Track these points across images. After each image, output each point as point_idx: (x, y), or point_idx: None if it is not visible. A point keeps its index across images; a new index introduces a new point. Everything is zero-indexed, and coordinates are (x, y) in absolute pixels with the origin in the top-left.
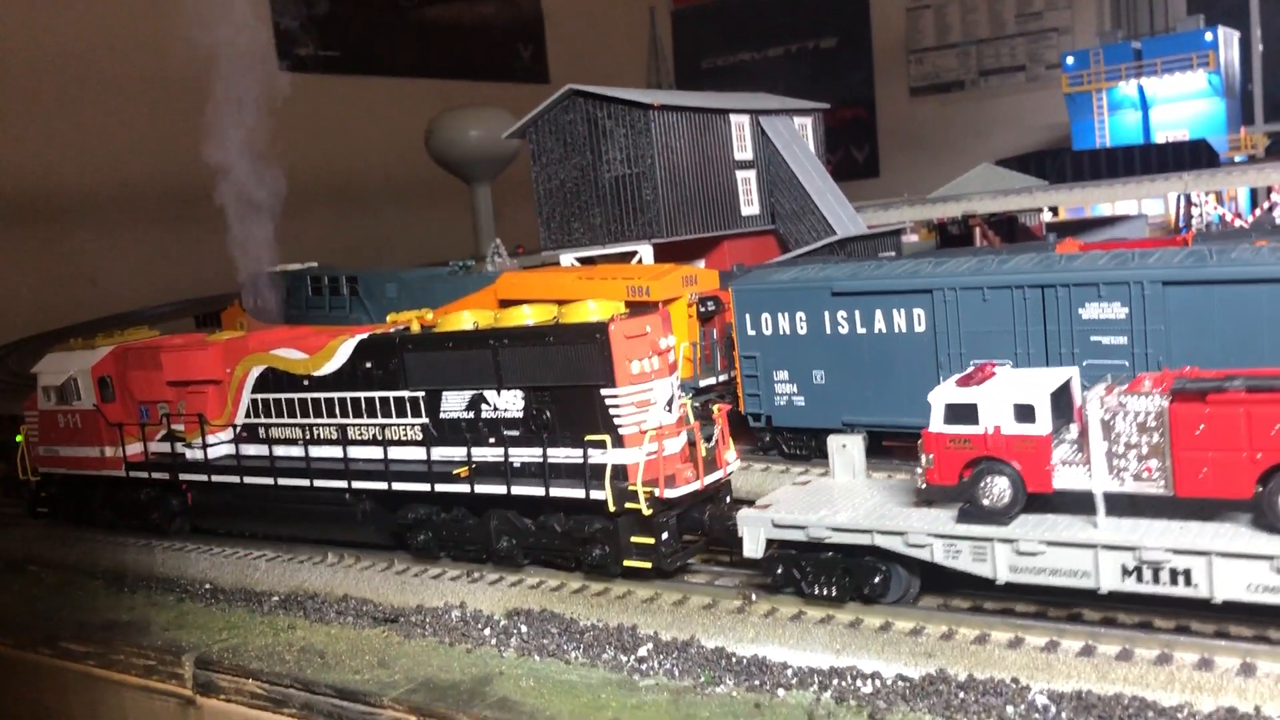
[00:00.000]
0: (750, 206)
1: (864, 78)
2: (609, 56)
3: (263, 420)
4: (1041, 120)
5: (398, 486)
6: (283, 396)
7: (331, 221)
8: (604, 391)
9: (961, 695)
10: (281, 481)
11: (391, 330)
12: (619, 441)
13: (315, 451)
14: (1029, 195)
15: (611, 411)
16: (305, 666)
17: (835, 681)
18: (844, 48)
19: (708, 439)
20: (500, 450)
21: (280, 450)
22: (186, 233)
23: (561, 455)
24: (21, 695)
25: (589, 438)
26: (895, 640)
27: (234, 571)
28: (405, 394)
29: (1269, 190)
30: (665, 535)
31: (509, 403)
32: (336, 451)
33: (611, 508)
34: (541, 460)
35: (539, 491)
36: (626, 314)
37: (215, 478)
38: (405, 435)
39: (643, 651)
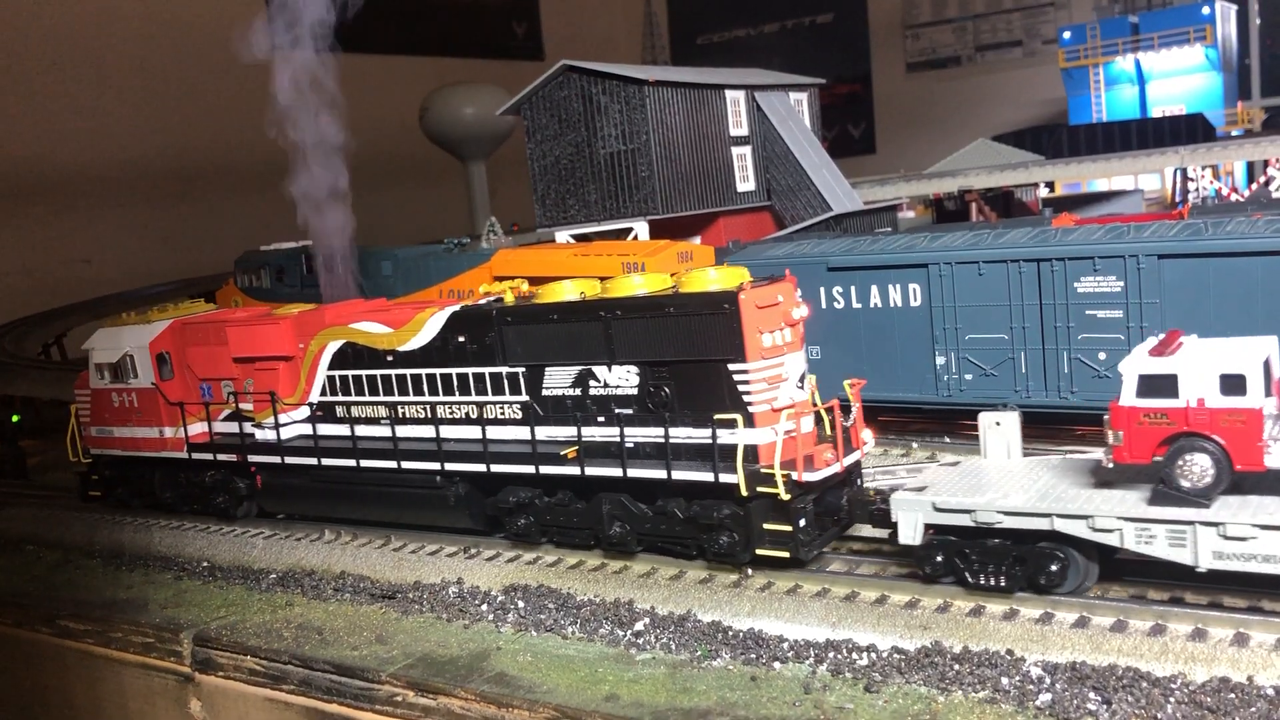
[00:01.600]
0: (746, 183)
1: (860, 54)
2: (604, 33)
3: (341, 398)
4: (1038, 95)
5: (497, 468)
6: (364, 373)
7: None
8: (733, 366)
9: (956, 667)
10: (364, 464)
11: (484, 302)
12: (750, 421)
13: (401, 431)
14: (1025, 170)
15: (741, 388)
16: (303, 643)
17: (831, 654)
18: (840, 23)
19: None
20: (612, 430)
21: (362, 430)
22: (181, 213)
23: (683, 435)
24: (20, 674)
25: (718, 417)
26: (891, 613)
27: (231, 549)
28: (503, 370)
29: (1265, 164)
30: (803, 521)
31: (621, 378)
32: (426, 431)
33: (744, 492)
34: (658, 441)
35: (660, 474)
36: (755, 282)
37: (289, 459)
38: (503, 414)
39: (639, 626)
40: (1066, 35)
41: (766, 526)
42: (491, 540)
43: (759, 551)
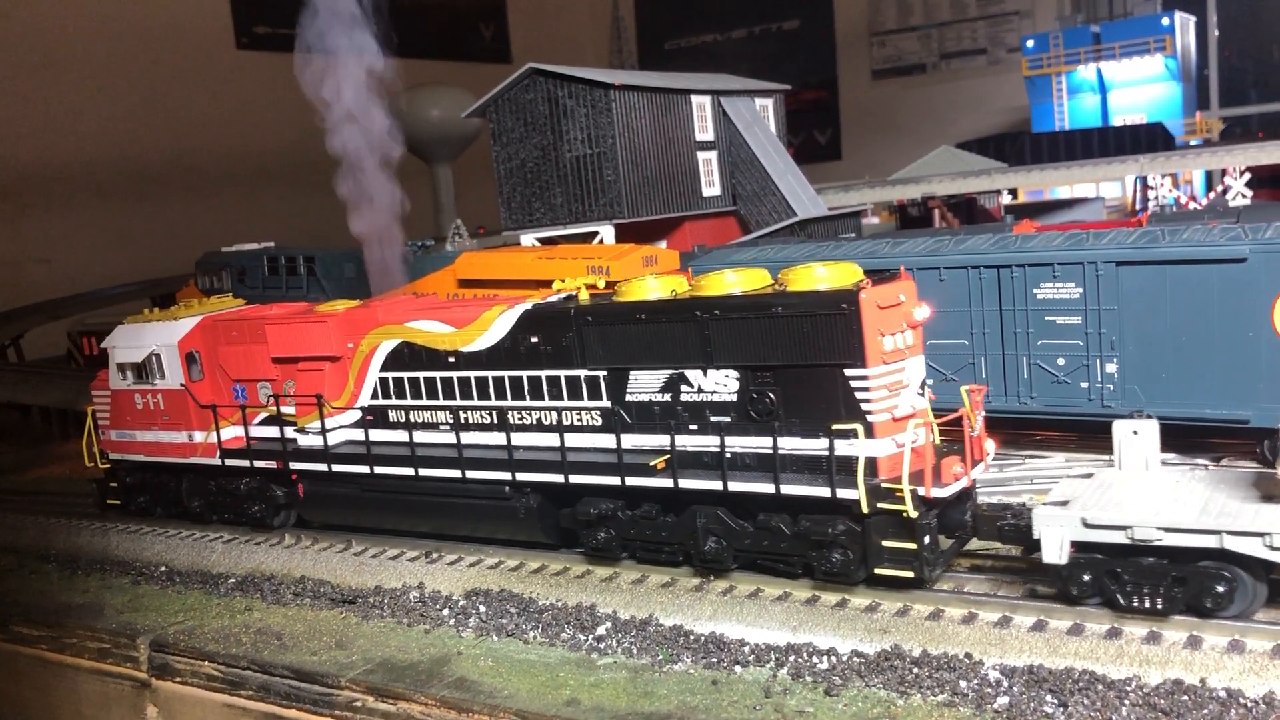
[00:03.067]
0: (711, 187)
1: (826, 60)
2: (572, 36)
3: (394, 402)
4: (1002, 103)
5: (577, 479)
6: (421, 375)
7: (291, 201)
8: (850, 372)
9: (916, 670)
10: (423, 472)
11: (556, 299)
12: (869, 431)
13: (465, 438)
14: (987, 178)
15: (859, 395)
16: (262, 648)
17: (792, 658)
18: (806, 30)
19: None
20: (708, 439)
21: (419, 436)
22: (142, 213)
23: (792, 446)
24: None
25: (836, 427)
26: (851, 617)
27: (190, 553)
28: (582, 373)
29: (1223, 173)
30: (928, 539)
31: (719, 384)
32: (493, 438)
33: (865, 508)
34: (761, 451)
35: (766, 488)
36: (872, 280)
37: (336, 467)
38: (581, 420)
39: (601, 630)
40: (1030, 44)
41: (886, 544)
42: (453, 544)
43: (878, 571)
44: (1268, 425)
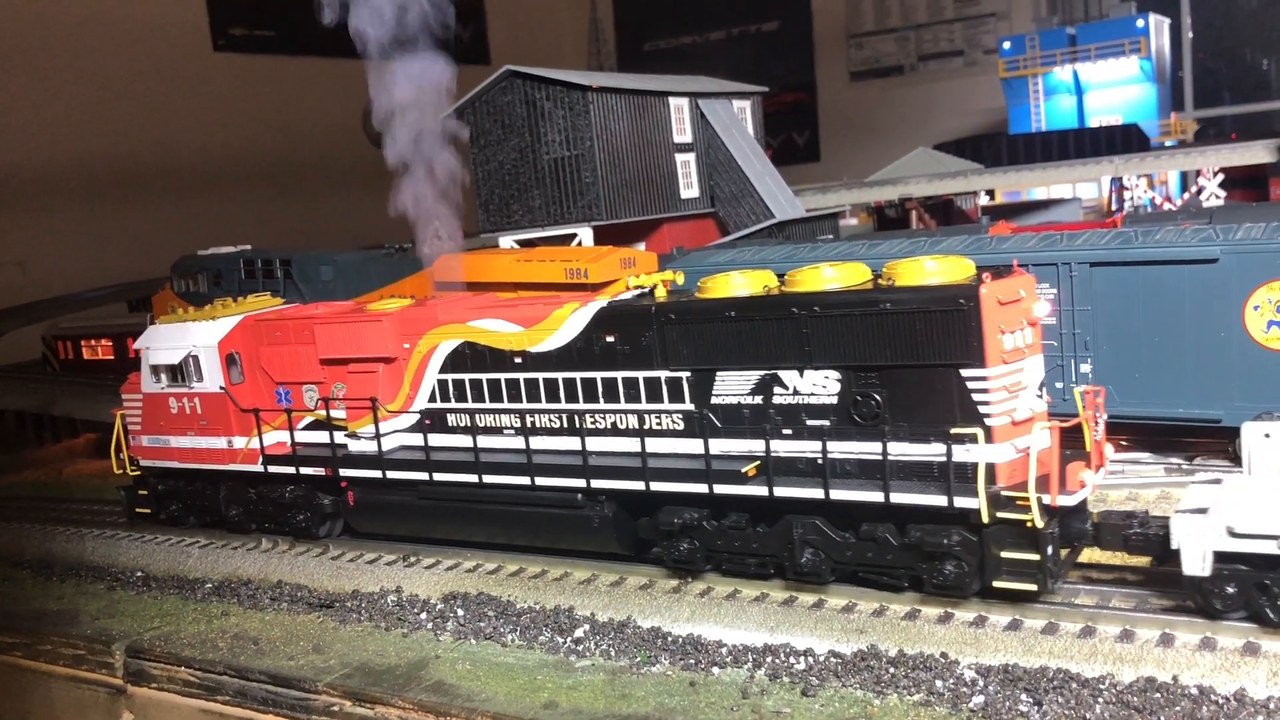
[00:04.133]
0: (690, 189)
1: (804, 62)
2: (550, 38)
3: (455, 405)
4: (979, 105)
5: (659, 487)
6: (484, 377)
7: (269, 204)
8: (967, 372)
9: (892, 670)
10: (488, 479)
11: (630, 296)
12: (988, 435)
13: (534, 443)
14: (964, 179)
15: (977, 398)
16: (239, 653)
17: (769, 659)
18: (784, 31)
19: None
20: (807, 444)
21: (482, 441)
22: (119, 216)
23: (901, 451)
24: None
25: (955, 431)
26: (828, 617)
27: (166, 559)
28: (662, 374)
29: (1197, 174)
30: (1050, 549)
31: (817, 385)
32: (564, 443)
33: (985, 518)
34: (864, 458)
35: (874, 497)
36: (989, 274)
37: (392, 474)
38: (661, 424)
39: (579, 633)
40: (1006, 45)
41: (1005, 555)
42: (430, 548)
43: (996, 584)
44: (1239, 424)
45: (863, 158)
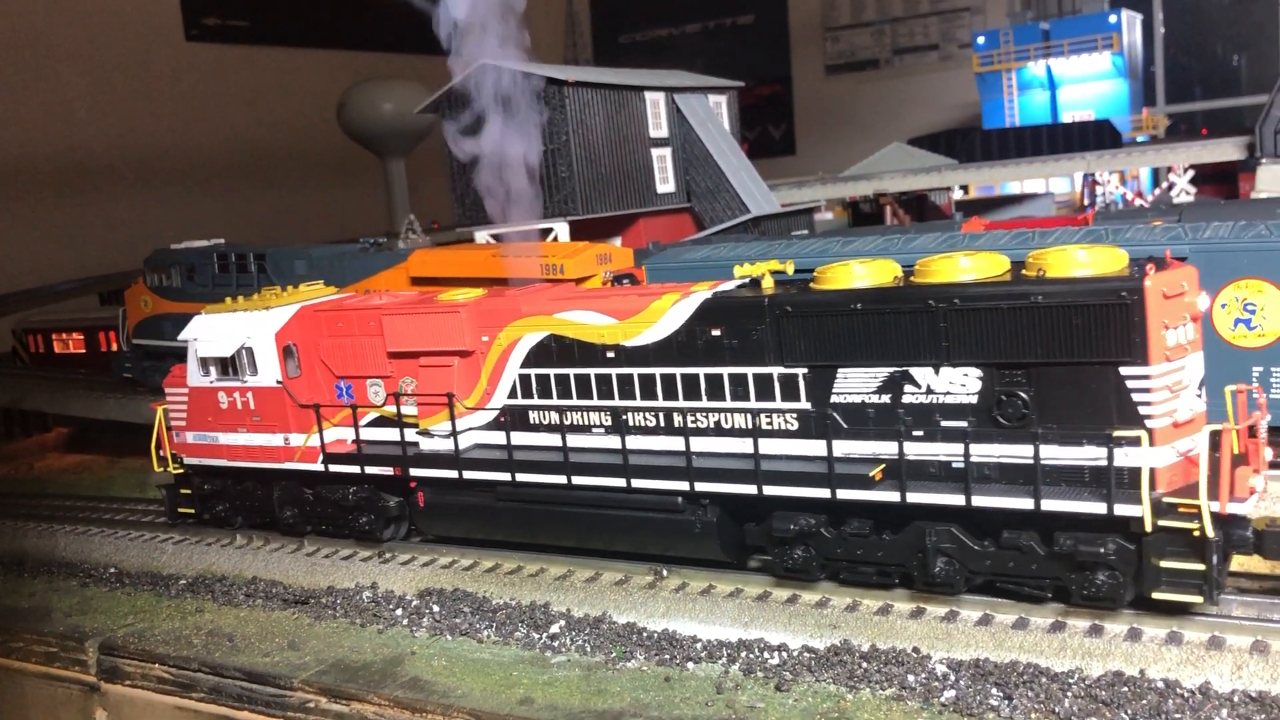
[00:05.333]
0: (666, 184)
1: (781, 55)
2: (527, 30)
3: (538, 402)
4: (954, 99)
5: (773, 491)
6: (572, 372)
7: (243, 196)
8: (1127, 370)
9: (864, 665)
10: (578, 480)
11: (732, 286)
12: (1150, 438)
13: (629, 443)
14: (937, 174)
15: (1138, 397)
16: (214, 650)
17: (743, 654)
18: (761, 25)
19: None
20: (937, 446)
21: (572, 440)
22: (88, 207)
23: (1051, 455)
24: None
25: (1118, 433)
26: (802, 613)
27: (140, 555)
28: (775, 371)
29: (1168, 170)
30: (1215, 559)
31: (954, 383)
32: (664, 443)
33: (1149, 526)
34: (1007, 461)
35: (1022, 503)
36: (1151, 265)
37: (469, 474)
38: (773, 424)
39: (555, 629)
40: (980, 40)
41: (1166, 565)
42: (406, 544)
43: (1156, 595)
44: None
45: (839, 151)
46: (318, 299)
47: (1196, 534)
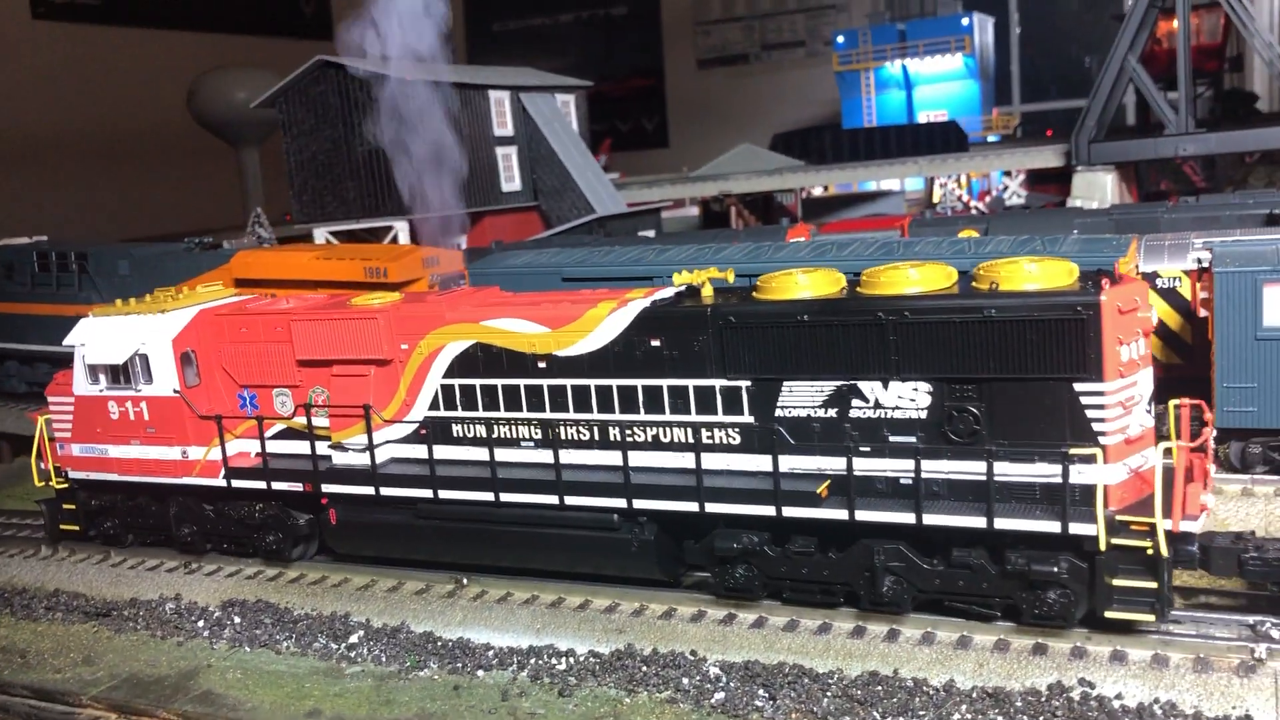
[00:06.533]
0: (511, 183)
1: (654, 48)
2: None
3: (464, 414)
4: (820, 95)
5: (716, 508)
6: (500, 383)
7: (94, 187)
8: (1081, 386)
9: (644, 669)
10: (506, 497)
11: (668, 294)
12: (1104, 455)
13: (562, 458)
14: (779, 176)
15: (1091, 414)
16: (3, 668)
17: (533, 660)
18: (634, 17)
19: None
20: (885, 462)
21: (500, 455)
22: None
23: (1002, 472)
24: None
25: (1074, 451)
26: (591, 618)
27: None
28: (717, 383)
29: (1016, 172)
30: (1166, 577)
31: (903, 398)
32: (592, 457)
33: (1103, 545)
34: (956, 478)
35: (973, 521)
36: (1106, 279)
37: (387, 490)
38: (714, 439)
39: (354, 639)
40: (840, 40)
41: (1117, 583)
42: (212, 555)
43: (1109, 615)
44: None
45: (710, 144)
46: (216, 301)
47: (1150, 552)
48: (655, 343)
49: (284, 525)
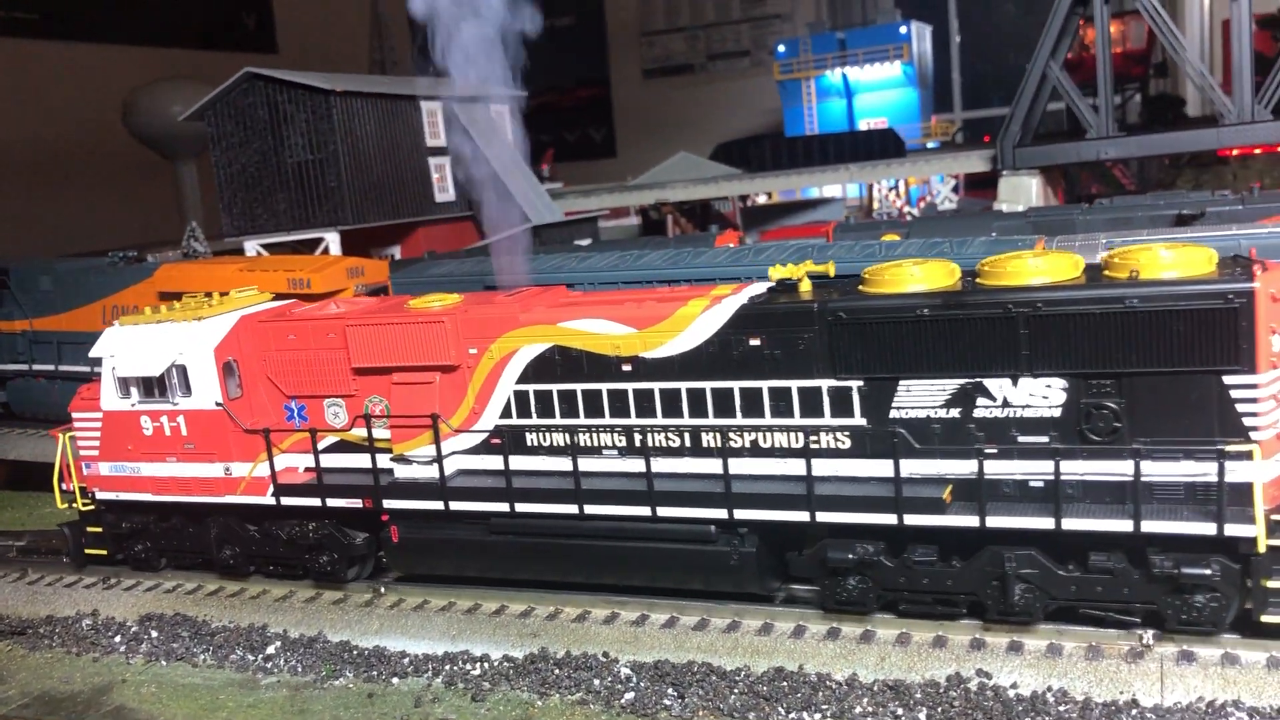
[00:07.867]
0: (445, 193)
1: (600, 58)
2: (339, 27)
3: (538, 422)
4: (765, 104)
5: (828, 517)
6: (579, 387)
7: (31, 202)
8: (1231, 379)
9: (557, 671)
10: (591, 509)
11: (762, 290)
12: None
13: (652, 466)
14: (715, 185)
15: (1242, 408)
16: None
17: (448, 666)
18: (580, 26)
19: None
20: (1014, 464)
21: (582, 465)
22: None
23: (1150, 471)
24: None
25: (1230, 448)
26: (506, 623)
27: None
28: (824, 384)
29: (954, 177)
30: None
31: (1035, 395)
32: (686, 465)
33: (1262, 546)
34: (1093, 479)
35: (1118, 525)
36: (1257, 265)
37: (457, 505)
38: (822, 443)
39: (270, 650)
40: (781, 49)
41: (1274, 585)
42: (128, 570)
43: (1265, 619)
44: None
45: (657, 154)
46: (255, 307)
47: None
48: (755, 342)
49: (339, 545)
